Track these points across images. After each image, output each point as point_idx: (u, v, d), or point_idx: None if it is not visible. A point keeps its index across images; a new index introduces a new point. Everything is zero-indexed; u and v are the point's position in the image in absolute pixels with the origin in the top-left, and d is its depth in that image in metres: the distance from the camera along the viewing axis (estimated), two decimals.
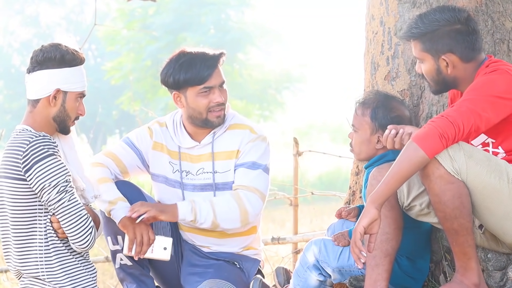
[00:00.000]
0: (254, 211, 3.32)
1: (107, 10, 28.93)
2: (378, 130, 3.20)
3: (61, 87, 3.04)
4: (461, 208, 2.80)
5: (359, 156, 3.28)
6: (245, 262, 3.49)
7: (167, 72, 3.36)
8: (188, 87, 3.34)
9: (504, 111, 2.85)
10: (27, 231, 3.00)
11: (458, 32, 2.97)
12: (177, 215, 3.25)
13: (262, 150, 3.40)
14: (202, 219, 3.27)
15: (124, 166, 3.49)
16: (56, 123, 3.07)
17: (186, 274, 3.45)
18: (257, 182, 3.34)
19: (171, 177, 3.49)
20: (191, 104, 3.36)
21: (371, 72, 3.67)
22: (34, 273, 3.00)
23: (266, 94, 25.39)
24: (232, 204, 3.29)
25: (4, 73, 30.68)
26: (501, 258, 3.09)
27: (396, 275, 3.12)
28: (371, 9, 3.69)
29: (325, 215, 10.67)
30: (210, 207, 3.27)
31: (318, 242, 3.25)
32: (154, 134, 3.51)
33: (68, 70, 3.04)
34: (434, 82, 3.06)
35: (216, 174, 3.42)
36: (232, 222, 3.30)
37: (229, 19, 24.50)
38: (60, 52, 3.04)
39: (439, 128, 2.72)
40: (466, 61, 2.99)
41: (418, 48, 3.02)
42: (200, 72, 3.31)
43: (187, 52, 3.37)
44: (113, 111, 28.60)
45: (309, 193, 5.56)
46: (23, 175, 2.93)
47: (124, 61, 24.36)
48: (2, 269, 5.51)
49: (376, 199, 2.74)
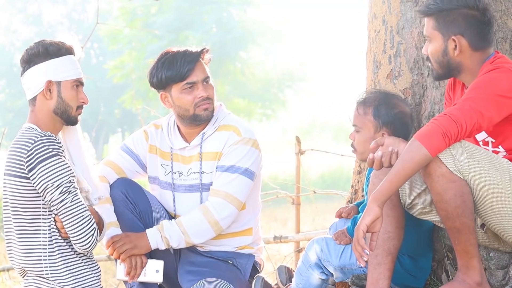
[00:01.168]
0: (224, 218, 3.34)
1: (109, 8, 28.92)
2: (382, 127, 3.20)
3: (52, 78, 3.04)
4: (463, 206, 2.80)
5: (362, 155, 3.28)
6: (239, 259, 3.50)
7: (151, 72, 3.42)
8: (171, 84, 3.36)
9: (506, 110, 2.84)
10: (31, 230, 3.00)
11: (474, 18, 2.96)
12: (149, 246, 3.30)
13: (243, 153, 3.38)
14: (175, 243, 3.32)
15: (124, 173, 3.53)
16: (58, 115, 3.07)
17: (183, 272, 3.47)
18: (230, 187, 3.34)
19: (163, 179, 3.52)
20: (176, 101, 3.38)
21: (373, 70, 3.67)
22: (38, 272, 3.01)
23: (268, 92, 25.39)
24: (199, 218, 3.32)
25: (6, 71, 30.69)
26: (503, 256, 3.09)
27: (398, 274, 3.12)
28: (373, 7, 3.69)
29: (327, 214, 10.67)
30: (179, 229, 3.31)
31: (320, 240, 3.25)
32: (149, 137, 3.54)
33: (55, 60, 3.05)
34: (438, 64, 3.03)
35: (203, 175, 3.43)
36: (205, 235, 3.35)
37: (231, 17, 24.49)
38: (43, 45, 3.05)
39: (442, 127, 2.72)
40: (475, 49, 2.98)
41: (431, 25, 3.01)
42: (181, 68, 3.33)
43: (170, 51, 3.41)
44: (115, 110, 28.62)
45: (311, 191, 5.56)
46: (26, 174, 2.94)
47: (126, 59, 24.36)
48: (4, 267, 5.52)
49: (379, 198, 2.74)
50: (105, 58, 29.08)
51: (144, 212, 3.45)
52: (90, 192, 3.13)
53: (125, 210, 3.40)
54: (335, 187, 14.80)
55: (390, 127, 3.21)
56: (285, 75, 25.96)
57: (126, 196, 3.42)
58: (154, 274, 3.29)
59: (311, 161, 15.57)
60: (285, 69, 26.12)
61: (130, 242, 3.29)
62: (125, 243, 3.28)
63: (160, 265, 3.30)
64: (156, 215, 3.48)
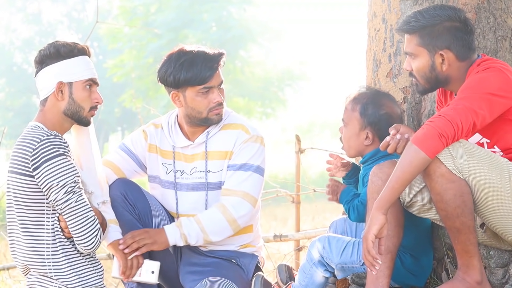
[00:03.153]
0: (242, 216, 3.34)
1: (109, 7, 28.93)
2: (366, 126, 3.20)
3: (63, 79, 3.04)
4: (463, 206, 2.80)
5: (348, 152, 3.29)
6: (243, 259, 3.49)
7: (166, 70, 3.35)
8: (188, 86, 3.32)
9: (499, 109, 2.84)
10: (34, 228, 3.00)
11: (457, 29, 2.96)
12: (168, 243, 3.29)
13: (254, 151, 3.39)
14: (194, 240, 3.31)
15: (123, 173, 3.51)
16: (68, 117, 3.08)
17: (184, 272, 3.46)
18: (246, 185, 3.35)
19: (165, 179, 3.50)
20: (190, 103, 3.35)
21: (373, 69, 3.67)
22: (42, 270, 3.01)
23: (268, 91, 25.37)
24: (218, 217, 3.31)
25: (6, 70, 30.69)
26: (504, 255, 3.09)
27: (398, 272, 3.12)
28: (373, 6, 3.69)
29: (327, 212, 10.67)
30: (198, 227, 3.30)
31: (323, 238, 3.26)
32: (148, 137, 3.52)
33: (66, 61, 3.05)
34: (424, 80, 3.02)
35: (209, 174, 3.42)
36: (223, 233, 3.34)
37: (231, 16, 24.48)
38: (55, 47, 3.05)
39: (438, 128, 2.72)
40: (462, 60, 2.98)
41: (414, 42, 3.00)
42: (202, 72, 3.30)
43: (188, 51, 3.35)
44: (115, 109, 28.62)
45: (311, 190, 5.56)
46: (31, 172, 2.94)
47: (126, 58, 24.35)
48: (4, 266, 5.52)
49: (383, 205, 2.75)
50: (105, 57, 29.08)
51: (143, 213, 3.44)
52: (94, 195, 3.13)
53: (124, 211, 3.38)
54: None
55: (375, 127, 3.20)
56: (285, 73, 25.95)
57: (125, 197, 3.40)
58: (149, 275, 3.27)
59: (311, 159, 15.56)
60: (285, 68, 26.10)
61: (150, 238, 3.26)
62: (145, 237, 3.26)
63: (157, 266, 3.28)
64: (155, 216, 3.47)
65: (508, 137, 2.95)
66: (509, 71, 2.90)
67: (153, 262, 3.29)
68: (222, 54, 3.37)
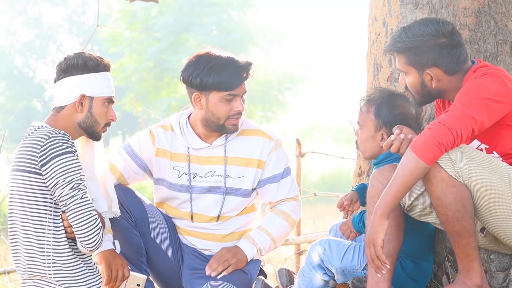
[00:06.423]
0: (299, 215, 3.58)
1: (109, 11, 28.94)
2: (381, 127, 3.19)
3: (86, 93, 3.07)
4: (463, 211, 2.80)
5: (364, 154, 3.27)
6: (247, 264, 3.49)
7: (193, 72, 3.31)
8: (213, 90, 3.30)
9: (497, 115, 2.84)
10: (35, 230, 2.99)
11: (443, 46, 2.95)
12: (247, 259, 3.45)
13: (283, 156, 3.52)
14: (266, 251, 3.51)
15: (123, 176, 3.48)
16: (82, 129, 3.10)
17: (188, 277, 3.44)
18: (293, 188, 3.54)
19: (177, 182, 3.46)
20: (211, 108, 3.33)
21: (374, 73, 3.67)
22: (41, 273, 3.00)
23: (269, 95, 25.40)
24: (284, 224, 3.50)
25: (7, 74, 30.71)
26: (504, 259, 3.09)
27: (399, 277, 3.12)
28: (373, 10, 3.69)
29: (327, 216, 10.68)
30: (269, 238, 3.48)
31: (323, 242, 3.25)
32: (156, 140, 3.48)
33: (92, 75, 3.08)
34: (418, 95, 3.06)
35: (228, 179, 3.42)
36: (286, 236, 3.58)
37: (231, 19, 24.52)
38: (83, 58, 3.08)
39: (437, 137, 2.72)
40: (451, 74, 2.98)
41: (403, 61, 3.01)
42: (232, 79, 3.29)
43: (217, 55, 3.32)
44: (116, 112, 28.58)
45: (311, 194, 5.56)
46: (38, 169, 2.94)
47: (126, 62, 24.38)
48: (4, 270, 5.51)
49: (385, 213, 2.77)
50: None
51: (140, 220, 3.42)
52: (95, 202, 3.13)
53: (120, 219, 3.36)
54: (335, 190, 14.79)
55: (390, 127, 3.20)
56: (285, 77, 25.97)
57: (121, 205, 3.36)
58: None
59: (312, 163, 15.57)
60: (285, 71, 26.13)
61: (234, 257, 3.41)
62: (229, 258, 3.41)
63: (143, 280, 3.25)
64: (153, 222, 3.44)
65: (506, 143, 2.95)
66: (506, 77, 2.90)
67: (139, 276, 3.26)
68: (250, 64, 3.36)
